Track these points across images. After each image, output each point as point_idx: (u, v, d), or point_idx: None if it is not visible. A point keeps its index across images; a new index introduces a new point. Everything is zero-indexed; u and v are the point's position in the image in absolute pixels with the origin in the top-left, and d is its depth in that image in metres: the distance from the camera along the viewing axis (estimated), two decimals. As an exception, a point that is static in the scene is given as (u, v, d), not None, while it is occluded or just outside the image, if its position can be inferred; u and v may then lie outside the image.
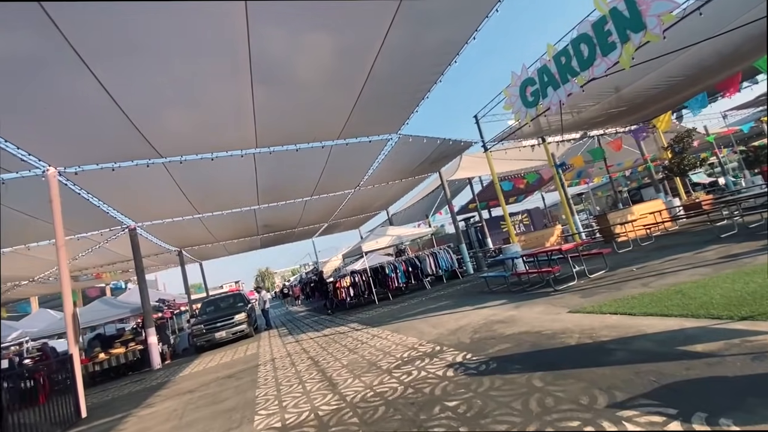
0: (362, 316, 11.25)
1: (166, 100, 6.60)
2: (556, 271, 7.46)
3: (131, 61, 5.51)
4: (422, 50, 7.17)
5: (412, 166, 13.70)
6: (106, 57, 5.33)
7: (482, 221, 23.17)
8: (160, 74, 5.95)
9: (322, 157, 10.33)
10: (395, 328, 7.56)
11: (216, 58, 5.89)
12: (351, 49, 6.57)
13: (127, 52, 5.33)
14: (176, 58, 5.69)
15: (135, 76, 5.82)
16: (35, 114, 6.03)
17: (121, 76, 5.74)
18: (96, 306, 12.96)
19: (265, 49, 5.93)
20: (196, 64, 5.92)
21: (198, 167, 9.05)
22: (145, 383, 9.32)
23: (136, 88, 6.07)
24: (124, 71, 5.66)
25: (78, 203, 9.26)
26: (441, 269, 14.43)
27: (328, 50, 6.49)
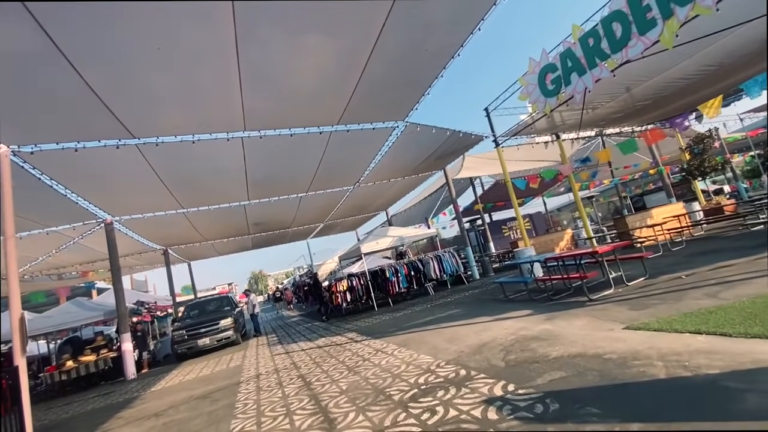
0: (361, 324, 10.13)
1: (134, 68, 5.49)
2: (591, 277, 6.40)
3: (91, 19, 4.42)
4: (437, 17, 6.13)
5: (417, 161, 12.65)
6: (59, 9, 4.24)
7: (485, 224, 22.18)
8: (127, 33, 4.86)
9: (319, 145, 9.24)
10: (402, 342, 6.46)
11: (196, 16, 4.81)
12: (355, 16, 5.52)
13: (85, 5, 4.25)
14: (145, 13, 4.60)
15: (95, 35, 4.73)
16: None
17: (80, 36, 4.65)
18: (67, 308, 11.74)
19: (254, 6, 4.86)
20: (169, 20, 4.83)
21: (178, 152, 7.93)
22: (111, 398, 8.13)
23: (97, 49, 4.97)
24: (83, 30, 4.58)
25: (42, 191, 8.10)
26: (446, 274, 13.36)
27: (328, 16, 5.43)
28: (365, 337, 7.81)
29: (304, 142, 8.90)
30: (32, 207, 8.92)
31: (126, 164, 7.98)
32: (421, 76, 7.70)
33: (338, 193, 14.64)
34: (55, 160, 7.16)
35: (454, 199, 15.22)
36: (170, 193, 10.02)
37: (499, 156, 12.34)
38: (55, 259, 14.47)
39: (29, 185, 7.72)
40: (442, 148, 11.88)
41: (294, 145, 8.89)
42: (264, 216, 15.45)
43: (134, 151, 7.44)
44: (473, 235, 25.00)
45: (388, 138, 9.83)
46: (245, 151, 8.58)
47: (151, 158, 7.87)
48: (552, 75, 9.29)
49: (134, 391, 8.33)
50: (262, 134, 7.99)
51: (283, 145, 8.86)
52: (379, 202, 19.09)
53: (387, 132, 9.46)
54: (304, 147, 9.22)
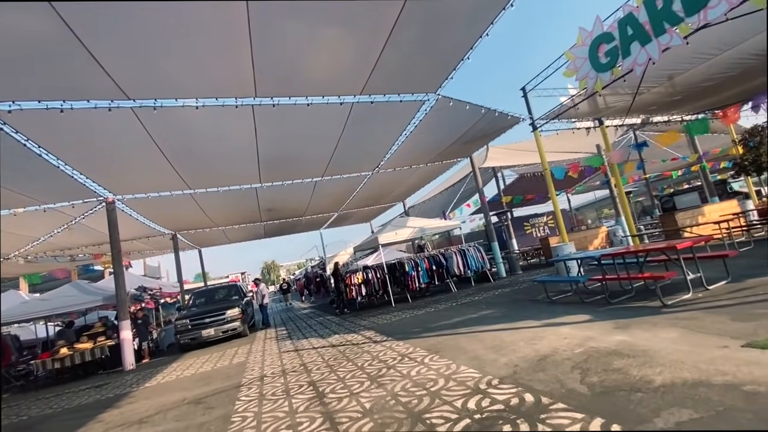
0: (378, 320, 9.14)
1: (124, 10, 4.54)
2: (668, 278, 5.24)
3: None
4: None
5: (444, 144, 11.52)
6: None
7: (508, 220, 20.90)
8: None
9: (338, 119, 8.22)
10: (432, 346, 5.42)
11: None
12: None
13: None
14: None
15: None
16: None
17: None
18: (65, 291, 11.05)
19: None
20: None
21: (179, 118, 7.01)
22: (102, 392, 7.33)
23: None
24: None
25: (30, 161, 7.29)
26: (470, 270, 12.26)
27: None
28: (386, 338, 6.80)
29: (322, 114, 7.88)
30: (23, 180, 8.16)
31: (122, 132, 7.10)
32: (460, 38, 6.58)
33: (355, 179, 13.62)
34: (39, 124, 6.30)
35: (480, 189, 14.05)
36: (174, 169, 9.15)
37: (537, 140, 11.14)
38: (62, 240, 13.87)
39: (15, 153, 6.91)
40: (472, 131, 10.72)
41: (310, 117, 7.89)
42: (276, 201, 14.57)
43: (129, 116, 6.53)
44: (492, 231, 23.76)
45: (415, 114, 8.74)
46: (256, 123, 7.62)
47: (149, 125, 6.97)
48: (607, 46, 8.09)
49: (127, 386, 7.52)
50: (276, 102, 6.99)
51: (299, 117, 7.87)
52: (397, 192, 18.03)
53: (415, 106, 8.37)
54: (322, 120, 8.21)
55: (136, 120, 6.69)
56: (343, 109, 7.78)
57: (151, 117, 6.65)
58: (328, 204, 17.41)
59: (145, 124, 6.86)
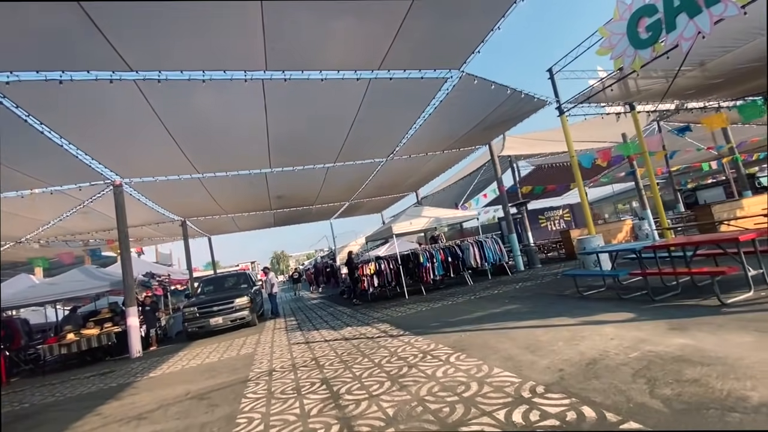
0: (392, 313, 8.69)
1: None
2: (730, 273, 4.65)
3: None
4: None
5: (464, 129, 10.89)
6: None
7: (523, 212, 20.20)
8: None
9: (354, 96, 7.67)
10: (456, 343, 4.93)
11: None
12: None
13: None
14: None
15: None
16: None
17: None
18: (73, 276, 10.84)
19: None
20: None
21: (185, 94, 6.55)
22: (106, 381, 7.05)
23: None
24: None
25: (33, 139, 6.94)
26: (487, 262, 11.71)
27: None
28: (402, 332, 6.33)
29: (337, 91, 7.35)
30: (27, 159, 7.83)
31: (126, 109, 6.68)
32: (491, 2, 5.95)
33: (369, 166, 13.10)
34: (39, 98, 5.91)
35: (499, 177, 13.40)
36: (181, 151, 8.74)
37: (564, 126, 10.44)
38: (76, 225, 13.66)
39: (17, 130, 6.55)
40: (494, 114, 10.08)
41: (324, 94, 7.36)
42: (287, 188, 14.14)
43: (133, 90, 6.09)
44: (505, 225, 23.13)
45: (436, 93, 8.14)
46: (266, 100, 7.12)
47: (154, 101, 6.53)
48: (648, 20, 7.38)
49: (132, 374, 7.22)
50: (287, 77, 6.48)
51: (312, 94, 7.35)
52: (410, 181, 17.47)
53: (436, 85, 7.77)
54: (336, 98, 7.68)
55: (140, 95, 6.25)
56: (360, 86, 7.23)
57: (155, 91, 6.20)
58: (339, 193, 16.94)
59: (149, 99, 6.42)
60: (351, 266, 12.06)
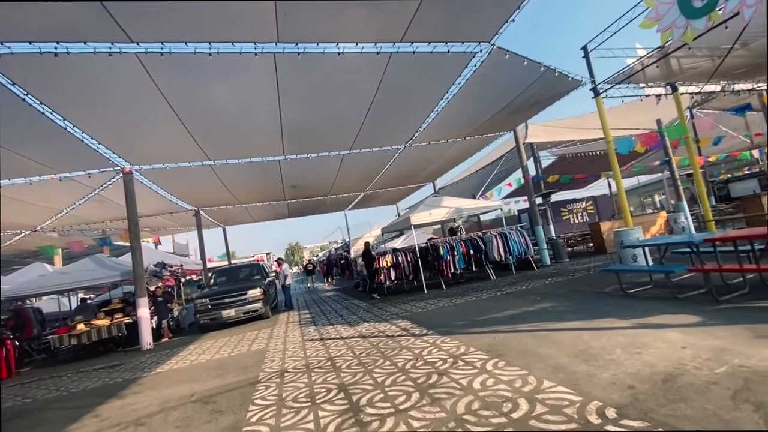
0: (412, 309, 8.14)
1: None
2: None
3: None
4: None
5: (489, 112, 10.16)
6: None
7: (547, 204, 19.31)
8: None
9: (373, 73, 7.05)
10: (490, 347, 4.34)
11: None
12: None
13: None
14: None
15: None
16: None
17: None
18: (84, 265, 10.63)
19: None
20: None
21: (191, 69, 6.06)
22: (112, 375, 6.73)
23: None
24: None
25: (34, 120, 6.57)
26: (511, 256, 11.02)
27: None
28: (426, 331, 5.78)
29: (355, 67, 6.75)
30: (31, 142, 7.50)
31: (129, 87, 6.23)
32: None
33: (386, 154, 12.49)
34: (35, 72, 5.49)
35: (524, 165, 12.62)
36: (190, 135, 8.30)
37: (599, 108, 9.61)
38: (92, 214, 13.49)
39: (17, 111, 6.18)
40: (523, 96, 9.32)
41: (341, 70, 6.78)
42: (301, 178, 13.67)
43: (135, 65, 5.62)
44: (526, 216, 22.26)
45: (462, 71, 7.45)
46: (278, 76, 6.56)
47: (159, 78, 6.05)
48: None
49: (139, 369, 6.89)
50: (301, 50, 5.91)
51: (327, 71, 6.77)
52: (428, 171, 16.79)
53: (463, 60, 7.08)
54: (354, 75, 7.08)
55: (143, 71, 5.77)
56: (380, 61, 6.61)
57: (159, 66, 5.72)
58: (354, 183, 16.41)
59: (153, 76, 5.95)
60: (369, 257, 11.51)
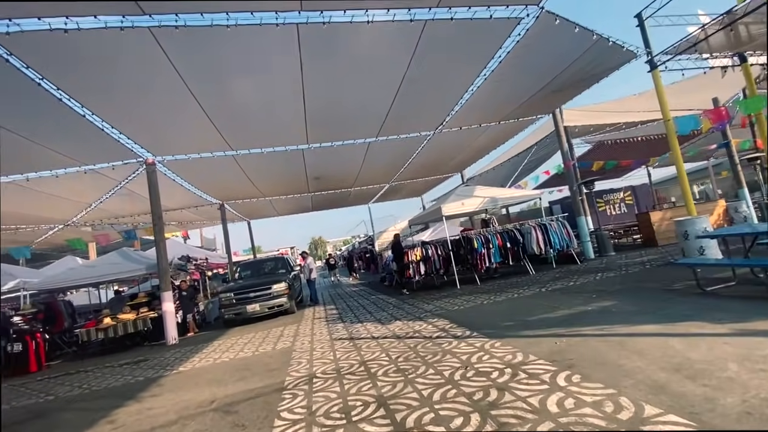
0: (447, 306, 7.50)
1: None
2: None
3: None
4: None
5: (529, 91, 9.28)
6: None
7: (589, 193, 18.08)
8: None
9: (405, 45, 6.36)
10: (556, 356, 3.66)
11: None
12: None
13: None
14: None
15: None
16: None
17: None
18: (111, 258, 10.55)
19: None
20: None
21: (209, 45, 5.58)
22: (134, 373, 6.44)
23: None
24: None
25: (51, 107, 6.30)
26: (552, 249, 10.16)
27: None
28: (469, 332, 5.13)
29: (385, 40, 6.10)
30: (53, 133, 7.29)
31: (143, 66, 5.83)
32: None
33: (413, 142, 11.80)
34: (47, 53, 5.14)
35: (565, 152, 11.65)
36: (210, 120, 7.90)
37: (657, 83, 8.55)
38: (117, 208, 13.51)
39: (34, 98, 5.91)
40: (569, 71, 8.40)
41: (370, 43, 6.15)
42: (325, 168, 13.19)
43: (147, 39, 5.17)
44: (558, 208, 21.07)
45: (504, 40, 6.65)
46: (302, 52, 6.00)
47: (174, 55, 5.60)
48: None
49: (162, 366, 6.58)
50: (326, 18, 5.31)
51: (355, 45, 6.15)
52: (457, 160, 15.98)
53: (507, 27, 6.29)
54: (384, 49, 6.43)
55: (158, 49, 5.33)
56: (412, 32, 5.92)
57: (173, 41, 5.26)
58: (379, 174, 15.81)
59: (170, 55, 5.51)
60: (398, 250, 10.88)
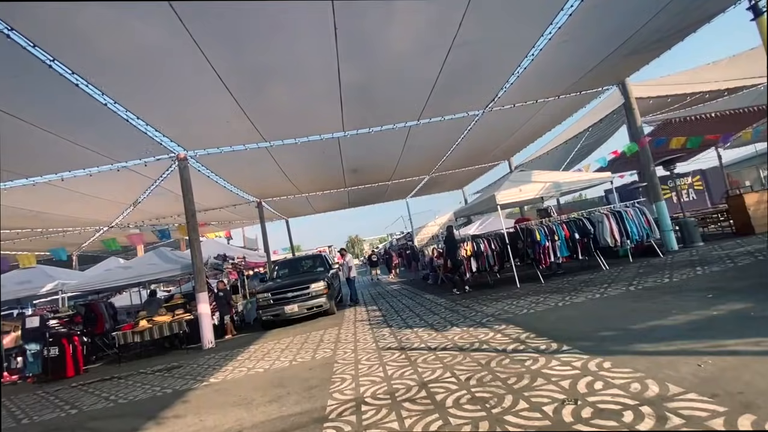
0: (511, 308, 6.34)
1: None
2: None
3: None
4: None
5: (599, 55, 7.86)
6: None
7: (671, 175, 15.84)
8: None
9: (456, 4, 5.29)
10: (711, 385, 2.47)
11: None
12: None
13: None
14: None
15: None
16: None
17: None
18: (147, 259, 10.30)
19: None
20: None
21: (231, 18, 4.79)
22: (163, 384, 5.87)
23: None
24: None
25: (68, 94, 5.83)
26: (630, 239, 8.66)
27: None
28: (556, 345, 3.98)
29: (430, 7, 5.06)
30: (78, 126, 6.91)
31: (164, 44, 5.16)
32: None
33: (459, 124, 10.63)
34: (55, 30, 4.57)
35: (639, 126, 9.99)
36: (239, 105, 7.21)
37: (762, 32, 6.88)
38: (158, 209, 13.44)
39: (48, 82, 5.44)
40: (649, 27, 6.90)
41: (415, 10, 5.12)
42: (362, 159, 12.34)
43: (167, 14, 4.46)
44: (615, 197, 18.96)
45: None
46: (336, 19, 5.09)
47: (196, 31, 4.88)
48: None
49: (193, 377, 5.97)
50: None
51: (397, 8, 5.16)
52: (505, 146, 14.58)
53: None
54: (429, 13, 5.39)
55: (177, 21, 4.61)
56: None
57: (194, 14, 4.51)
58: (419, 164, 14.73)
59: (188, 26, 4.77)
60: (452, 244, 9.65)
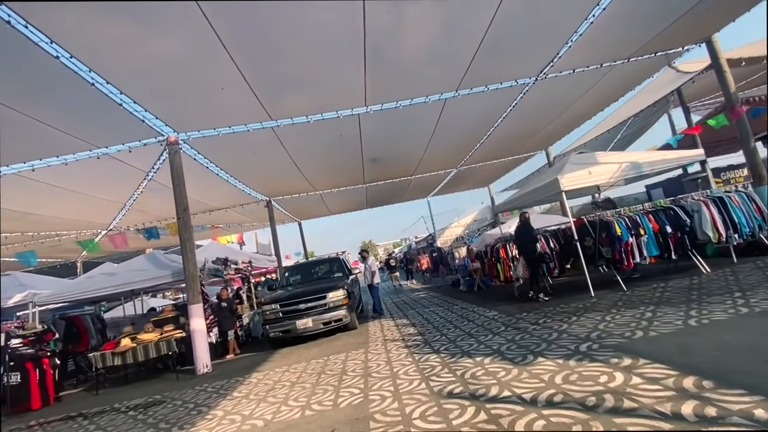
0: (608, 328, 4.46)
1: None
2: None
3: None
4: None
5: (683, 6, 6.00)
6: None
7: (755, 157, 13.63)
8: None
9: None
10: None
11: None
12: None
13: None
14: None
15: None
16: None
17: None
18: (136, 264, 8.72)
19: None
20: None
21: None
22: (137, 426, 4.21)
23: None
24: None
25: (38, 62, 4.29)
26: (738, 234, 6.67)
27: None
28: (761, 399, 2.14)
29: None
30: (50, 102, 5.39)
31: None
32: None
33: (505, 96, 8.79)
34: None
35: (733, 93, 7.97)
36: (240, 71, 5.58)
37: None
38: (158, 208, 11.93)
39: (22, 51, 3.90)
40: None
41: None
42: (385, 146, 10.62)
43: None
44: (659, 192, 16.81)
45: None
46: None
47: None
48: None
49: (172, 422, 4.28)
50: None
51: None
52: (547, 131, 12.67)
53: None
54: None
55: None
56: None
57: None
58: (448, 153, 12.92)
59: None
60: (528, 236, 7.53)
